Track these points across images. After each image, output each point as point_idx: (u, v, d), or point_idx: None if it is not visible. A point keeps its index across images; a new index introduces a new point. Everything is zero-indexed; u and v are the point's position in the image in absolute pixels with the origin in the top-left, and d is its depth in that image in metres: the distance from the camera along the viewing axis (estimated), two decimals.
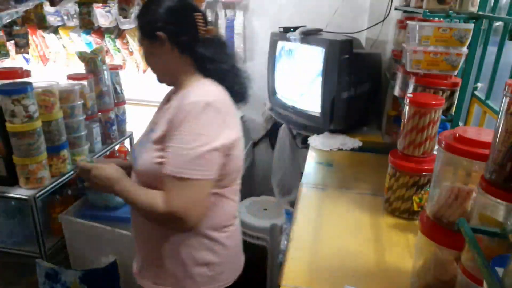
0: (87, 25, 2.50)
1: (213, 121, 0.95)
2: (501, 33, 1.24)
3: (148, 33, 1.03)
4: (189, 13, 1.02)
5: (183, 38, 1.02)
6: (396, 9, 1.91)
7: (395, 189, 1.21)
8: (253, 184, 2.84)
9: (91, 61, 2.04)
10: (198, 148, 0.92)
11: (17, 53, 2.65)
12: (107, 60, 2.37)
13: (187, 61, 1.05)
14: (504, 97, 0.58)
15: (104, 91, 2.12)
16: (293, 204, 1.92)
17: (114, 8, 2.51)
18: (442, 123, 1.22)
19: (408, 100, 1.15)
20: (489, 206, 0.62)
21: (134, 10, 2.39)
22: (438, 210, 0.81)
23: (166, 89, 1.20)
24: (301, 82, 2.07)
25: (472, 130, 0.83)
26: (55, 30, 2.89)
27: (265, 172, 2.75)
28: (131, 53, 2.79)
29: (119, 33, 2.75)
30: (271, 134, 2.65)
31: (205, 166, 0.94)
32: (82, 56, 2.05)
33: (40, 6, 2.47)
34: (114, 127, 2.23)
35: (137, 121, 2.61)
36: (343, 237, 1.14)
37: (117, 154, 2.44)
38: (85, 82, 1.95)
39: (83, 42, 2.83)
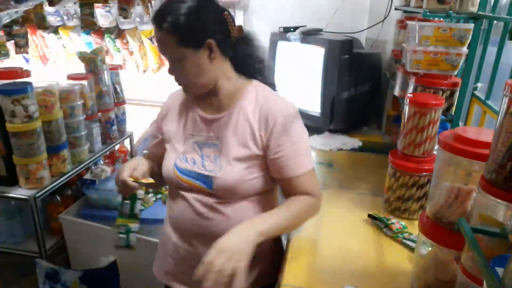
0: (89, 25, 2.50)
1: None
2: (501, 33, 1.24)
3: (193, 41, 0.94)
4: (220, 12, 0.98)
5: (226, 41, 0.99)
6: (396, 9, 1.91)
7: (395, 189, 1.21)
8: None
9: (91, 61, 2.04)
10: (307, 141, 1.04)
11: (16, 53, 2.66)
12: (107, 60, 2.37)
13: (226, 64, 1.03)
14: (504, 97, 0.58)
15: (104, 91, 2.12)
16: None
17: (114, 8, 2.51)
18: (442, 123, 1.22)
19: (408, 100, 1.15)
20: (489, 206, 0.62)
21: (134, 10, 2.40)
22: (438, 210, 0.81)
23: (165, 88, 1.20)
24: (301, 82, 2.07)
25: (472, 130, 0.83)
26: (55, 30, 2.89)
27: None
28: (131, 53, 2.79)
29: (119, 33, 2.75)
30: None
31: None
32: (82, 56, 2.05)
33: (40, 6, 2.47)
34: (114, 127, 2.23)
35: (137, 121, 2.61)
36: (343, 237, 1.14)
37: (117, 154, 2.44)
38: (85, 82, 1.95)
39: (83, 42, 2.83)
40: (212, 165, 1.02)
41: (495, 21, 1.29)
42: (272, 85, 1.11)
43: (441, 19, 1.19)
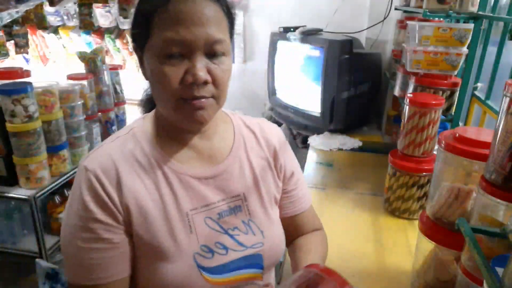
0: (88, 26, 2.51)
1: None
2: (501, 33, 1.24)
3: (231, 36, 0.69)
4: None
5: None
6: (396, 9, 1.91)
7: (395, 189, 1.21)
8: None
9: (91, 61, 2.04)
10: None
11: (17, 53, 2.66)
12: (107, 60, 2.37)
13: None
14: (504, 97, 0.58)
15: (104, 91, 2.12)
16: None
17: (114, 8, 2.51)
18: (442, 123, 1.22)
19: (408, 100, 1.15)
20: (489, 206, 0.62)
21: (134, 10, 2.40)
22: (438, 210, 0.81)
23: None
24: (301, 82, 2.07)
25: (472, 130, 0.83)
26: (55, 30, 2.89)
27: None
28: (131, 53, 2.79)
29: (119, 33, 2.75)
30: None
31: None
32: (82, 56, 2.05)
33: (40, 6, 2.48)
34: (114, 127, 2.23)
35: None
36: (343, 237, 1.14)
37: None
38: (85, 82, 1.95)
39: (83, 42, 2.83)
40: (249, 236, 0.73)
41: (495, 21, 1.29)
42: None
43: (441, 19, 1.19)
